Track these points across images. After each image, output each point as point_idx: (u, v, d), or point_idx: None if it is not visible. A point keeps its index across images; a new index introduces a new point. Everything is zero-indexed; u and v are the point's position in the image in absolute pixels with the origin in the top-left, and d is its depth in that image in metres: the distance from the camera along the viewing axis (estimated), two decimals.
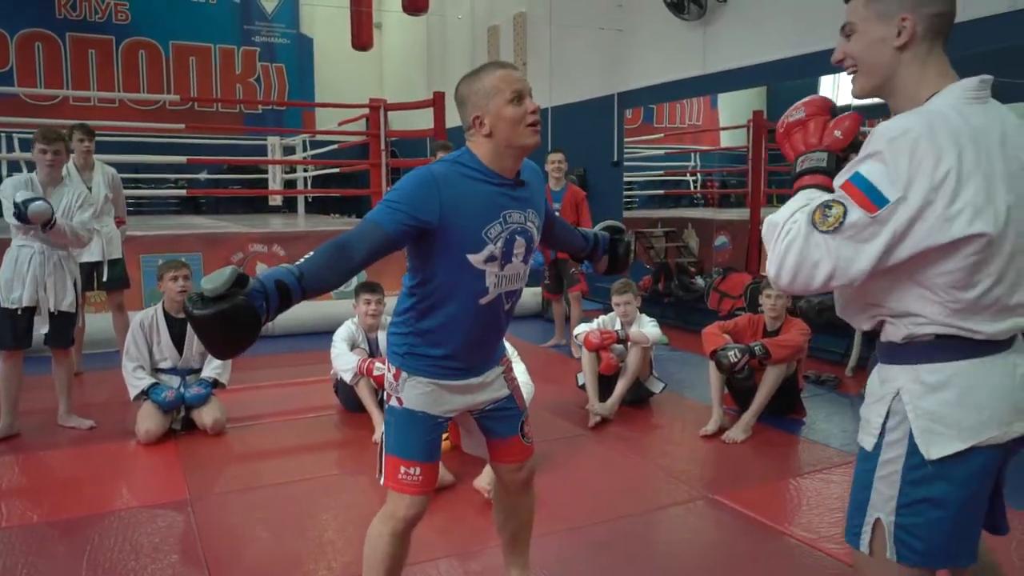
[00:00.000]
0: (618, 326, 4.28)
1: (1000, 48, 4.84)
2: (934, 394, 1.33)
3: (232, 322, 1.51)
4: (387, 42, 13.55)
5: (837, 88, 6.36)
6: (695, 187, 9.07)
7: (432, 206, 1.70)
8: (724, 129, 8.25)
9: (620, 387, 4.16)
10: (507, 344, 3.55)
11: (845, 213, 1.27)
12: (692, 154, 8.69)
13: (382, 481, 1.94)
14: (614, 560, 2.62)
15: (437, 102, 7.46)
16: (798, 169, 1.44)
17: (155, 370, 3.95)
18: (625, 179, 8.09)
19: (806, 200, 1.37)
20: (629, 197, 8.41)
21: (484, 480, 3.05)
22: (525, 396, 3.31)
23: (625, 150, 7.97)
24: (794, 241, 1.30)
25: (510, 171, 1.83)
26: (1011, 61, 4.99)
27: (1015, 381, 1.35)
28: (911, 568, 1.35)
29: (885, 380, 1.40)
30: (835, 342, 5.23)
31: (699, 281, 7.05)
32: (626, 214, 8.05)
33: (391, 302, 2.53)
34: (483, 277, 1.81)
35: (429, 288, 1.82)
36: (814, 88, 6.65)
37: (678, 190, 9.00)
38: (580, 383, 4.35)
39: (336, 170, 10.18)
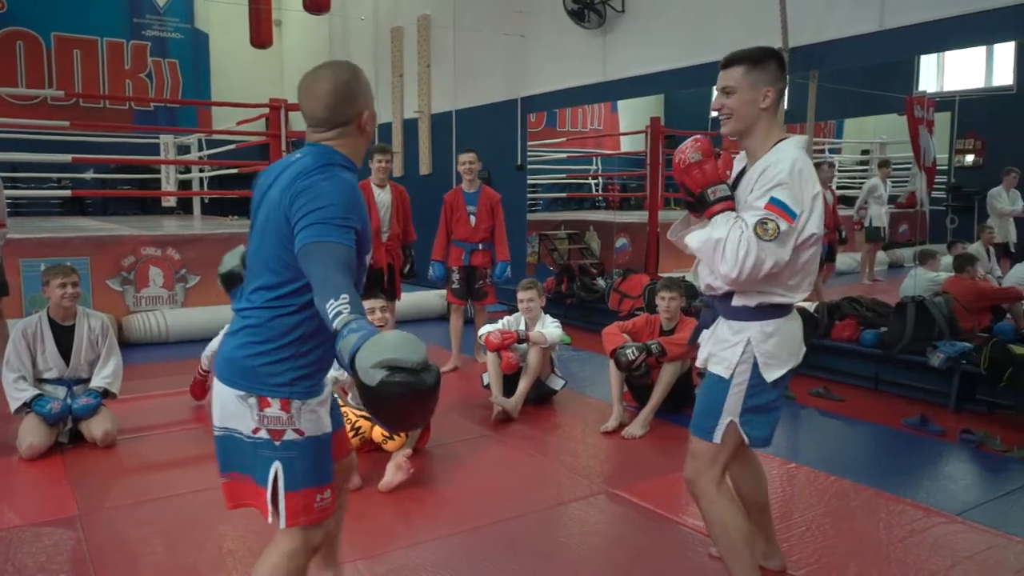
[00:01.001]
0: (522, 326, 4.39)
1: (872, 65, 5.22)
2: (769, 340, 2.07)
3: (437, 390, 1.53)
4: (288, 41, 13.25)
5: None
6: (597, 190, 9.31)
7: (363, 215, 1.72)
8: (624, 134, 8.52)
9: (522, 386, 4.26)
10: None
11: (778, 227, 1.91)
12: (594, 158, 8.93)
13: (284, 524, 1.76)
14: (518, 556, 2.68)
15: None
16: (712, 199, 2.00)
17: (39, 380, 3.75)
18: (529, 182, 8.21)
19: (730, 220, 1.96)
20: (533, 199, 8.54)
21: (388, 478, 3.08)
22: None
23: (529, 153, 8.09)
24: (749, 250, 1.91)
25: None
26: (881, 75, 5.40)
27: (795, 328, 2.14)
28: (749, 449, 2.19)
29: (738, 331, 2.09)
30: None
31: (600, 282, 7.23)
32: (530, 216, 8.17)
33: None
34: (361, 276, 1.82)
35: None
36: (707, 97, 6.98)
37: (580, 193, 9.22)
38: (485, 383, 4.43)
39: (234, 171, 9.85)
